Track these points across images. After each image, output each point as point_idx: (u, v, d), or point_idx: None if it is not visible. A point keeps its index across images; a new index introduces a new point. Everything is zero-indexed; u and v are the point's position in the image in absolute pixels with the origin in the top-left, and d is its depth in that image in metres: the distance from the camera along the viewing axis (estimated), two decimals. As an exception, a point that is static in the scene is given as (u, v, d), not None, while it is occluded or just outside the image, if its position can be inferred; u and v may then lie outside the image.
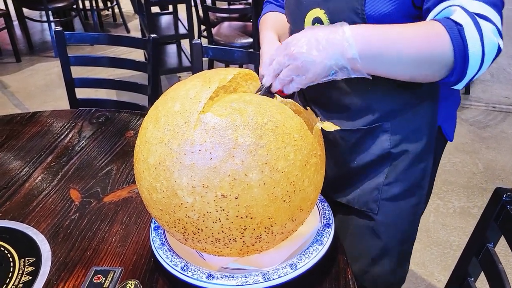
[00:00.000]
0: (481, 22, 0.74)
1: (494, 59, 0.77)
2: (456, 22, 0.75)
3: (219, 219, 0.72)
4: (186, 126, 0.71)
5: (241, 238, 0.75)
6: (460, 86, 0.80)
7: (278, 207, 0.73)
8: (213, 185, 0.69)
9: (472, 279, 0.91)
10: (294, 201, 0.74)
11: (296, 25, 0.99)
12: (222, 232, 0.73)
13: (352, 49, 0.76)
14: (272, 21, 1.10)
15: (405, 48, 0.77)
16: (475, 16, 0.75)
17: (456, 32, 0.74)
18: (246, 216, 0.71)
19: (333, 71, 0.79)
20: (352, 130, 0.98)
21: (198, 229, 0.74)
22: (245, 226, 0.73)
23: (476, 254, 0.88)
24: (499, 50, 0.76)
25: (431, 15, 0.79)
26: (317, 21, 0.93)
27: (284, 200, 0.73)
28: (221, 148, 0.69)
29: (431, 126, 0.97)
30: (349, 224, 1.08)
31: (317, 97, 1.06)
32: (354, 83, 0.92)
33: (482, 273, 0.89)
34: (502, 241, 0.87)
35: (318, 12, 0.92)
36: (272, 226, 0.74)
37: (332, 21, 0.89)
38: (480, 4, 0.76)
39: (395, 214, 1.03)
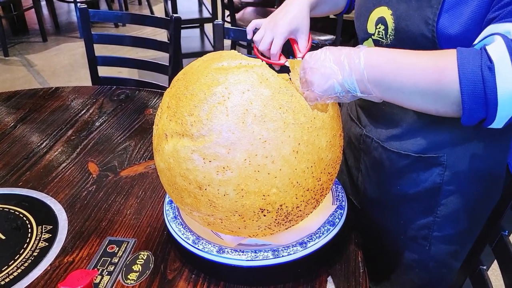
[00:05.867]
0: None
1: None
2: (488, 57, 0.63)
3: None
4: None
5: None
6: (497, 125, 0.67)
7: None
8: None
9: (485, 267, 0.90)
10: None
11: (359, 21, 0.92)
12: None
13: (361, 66, 0.70)
14: None
15: (409, 78, 0.69)
16: None
17: (477, 68, 0.63)
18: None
19: (340, 89, 0.72)
20: (400, 154, 0.90)
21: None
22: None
23: (490, 242, 0.87)
24: None
25: (478, 38, 0.69)
26: (381, 21, 0.85)
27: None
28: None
29: (497, 168, 0.86)
30: (396, 253, 1.01)
31: (369, 106, 0.96)
32: None
33: (495, 262, 0.88)
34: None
35: (384, 12, 0.84)
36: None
37: (397, 25, 0.81)
38: None
39: (447, 252, 0.95)
